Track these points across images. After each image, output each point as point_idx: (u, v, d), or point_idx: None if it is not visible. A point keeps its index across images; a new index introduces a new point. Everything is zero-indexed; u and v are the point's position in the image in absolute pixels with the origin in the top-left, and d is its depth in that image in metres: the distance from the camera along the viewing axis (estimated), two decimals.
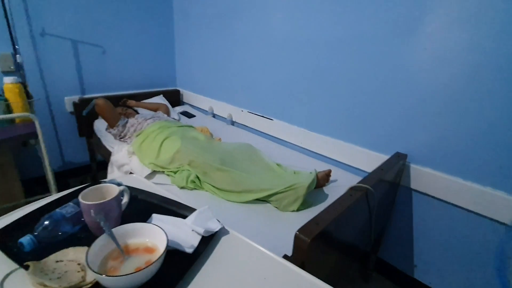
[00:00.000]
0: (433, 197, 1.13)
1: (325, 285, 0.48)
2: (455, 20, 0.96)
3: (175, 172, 1.20)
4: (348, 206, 0.75)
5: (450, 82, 1.01)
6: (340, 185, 1.19)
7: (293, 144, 1.58)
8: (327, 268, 0.80)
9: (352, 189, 0.84)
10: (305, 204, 1.05)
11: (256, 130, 1.77)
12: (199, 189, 1.14)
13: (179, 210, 0.62)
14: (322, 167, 1.27)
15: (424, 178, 1.13)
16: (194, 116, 2.05)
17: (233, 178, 1.10)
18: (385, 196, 1.13)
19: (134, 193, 0.66)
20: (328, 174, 1.20)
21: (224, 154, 1.28)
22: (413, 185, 1.18)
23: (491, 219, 1.00)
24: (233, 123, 1.94)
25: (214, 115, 2.08)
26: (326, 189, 1.19)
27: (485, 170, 0.99)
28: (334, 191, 1.13)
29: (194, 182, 1.14)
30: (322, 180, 1.18)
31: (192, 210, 0.61)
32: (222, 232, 0.58)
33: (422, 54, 1.05)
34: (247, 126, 1.84)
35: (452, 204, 1.09)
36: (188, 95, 2.29)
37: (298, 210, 1.03)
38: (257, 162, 1.29)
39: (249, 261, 0.52)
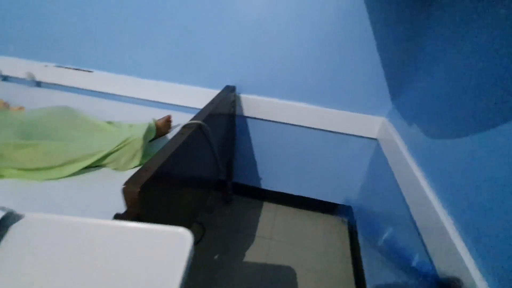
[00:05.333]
0: (262, 119, 1.32)
1: (151, 226, 0.47)
2: None
3: None
4: (181, 145, 0.75)
5: (259, 15, 1.09)
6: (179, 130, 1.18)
7: (125, 96, 1.39)
8: (176, 208, 0.81)
9: (184, 127, 0.84)
10: (148, 156, 0.99)
11: (73, 87, 1.43)
12: None
13: None
14: (162, 114, 1.20)
15: (252, 104, 1.29)
16: None
17: (45, 152, 0.87)
18: (225, 127, 1.22)
19: None
20: (168, 119, 1.15)
21: (26, 125, 0.97)
22: (246, 113, 1.32)
23: (305, 127, 1.29)
24: (38, 84, 1.48)
25: (4, 78, 1.50)
26: (170, 135, 1.16)
27: (293, 90, 1.21)
28: None
29: None
30: (163, 127, 1.13)
31: None
32: (11, 219, 0.44)
33: None
34: (59, 85, 1.45)
35: (276, 122, 1.31)
36: None
37: (141, 164, 0.96)
38: (80, 125, 1.06)
39: (57, 240, 0.43)
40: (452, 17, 0.80)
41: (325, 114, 1.22)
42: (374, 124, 1.20)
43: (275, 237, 1.41)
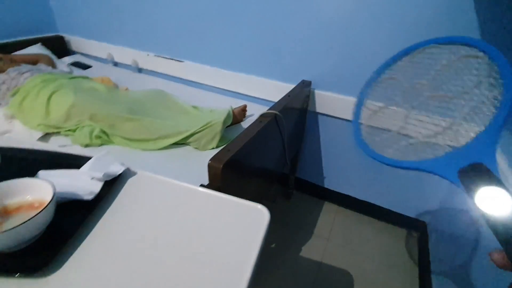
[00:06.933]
0: (334, 117, 1.30)
1: (234, 198, 0.52)
2: None
3: (74, 130, 1.05)
4: (258, 131, 0.80)
5: (343, 12, 1.07)
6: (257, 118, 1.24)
7: (207, 85, 1.53)
8: (245, 191, 0.87)
9: (262, 116, 0.88)
10: (224, 140, 1.08)
11: (167, 75, 1.64)
12: (108, 143, 1.04)
13: (74, 162, 0.55)
14: (238, 103, 1.29)
15: (326, 101, 1.27)
16: (90, 66, 1.74)
17: (145, 126, 1.03)
18: (296, 121, 1.23)
19: (10, 153, 0.55)
20: (243, 109, 1.23)
21: (132, 103, 1.16)
22: (318, 109, 1.31)
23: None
24: (140, 70, 1.73)
25: (115, 63, 1.81)
26: (244, 124, 1.23)
27: None
28: None
29: (101, 137, 1.03)
30: (239, 115, 1.21)
31: (89, 159, 0.55)
32: (128, 174, 0.55)
33: None
34: (156, 72, 1.67)
35: (349, 121, 1.27)
36: (77, 42, 1.90)
37: (218, 146, 1.05)
38: (171, 107, 1.22)
39: (158, 196, 0.52)
40: None
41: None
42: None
43: (333, 239, 1.37)
